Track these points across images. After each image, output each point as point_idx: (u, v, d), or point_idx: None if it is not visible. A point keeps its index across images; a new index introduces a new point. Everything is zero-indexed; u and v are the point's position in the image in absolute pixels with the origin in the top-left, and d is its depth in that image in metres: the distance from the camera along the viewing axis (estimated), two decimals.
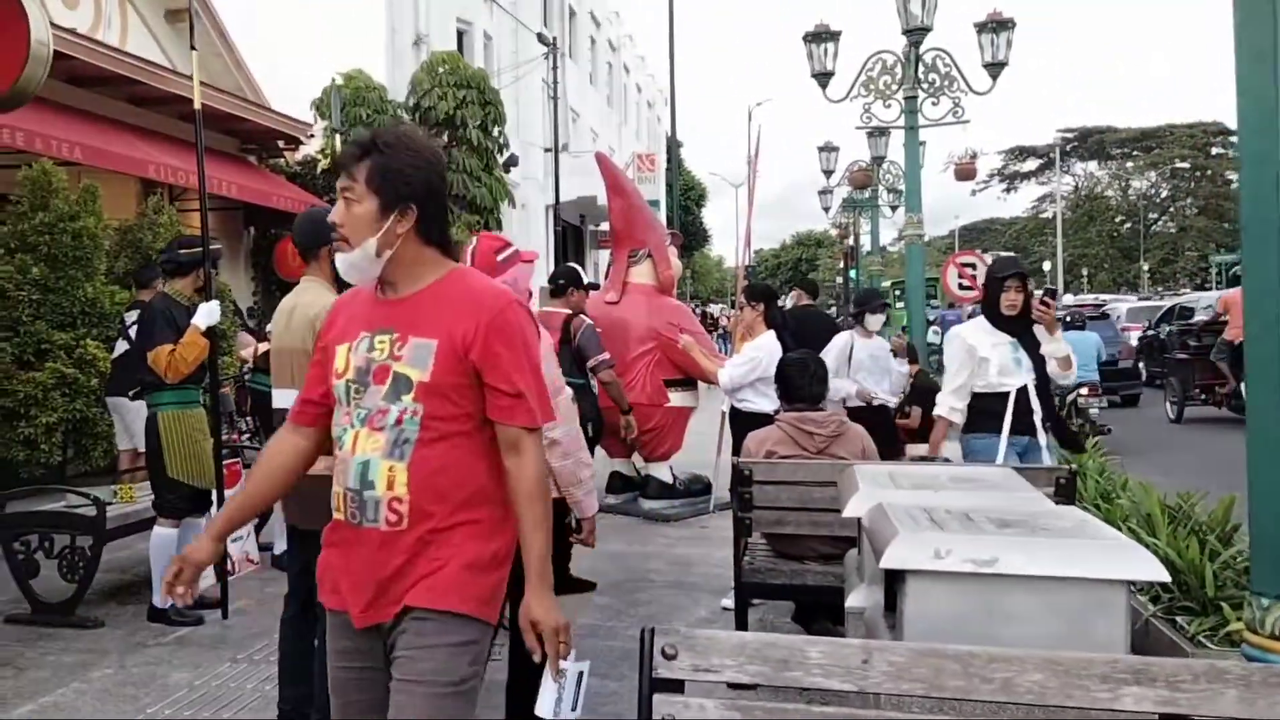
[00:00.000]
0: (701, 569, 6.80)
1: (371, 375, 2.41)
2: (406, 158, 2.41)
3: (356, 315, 2.53)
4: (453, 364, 2.37)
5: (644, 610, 5.91)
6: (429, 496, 2.35)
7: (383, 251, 2.42)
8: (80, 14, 13.36)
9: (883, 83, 12.93)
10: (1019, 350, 5.53)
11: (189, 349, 5.36)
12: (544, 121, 26.05)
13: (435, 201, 2.48)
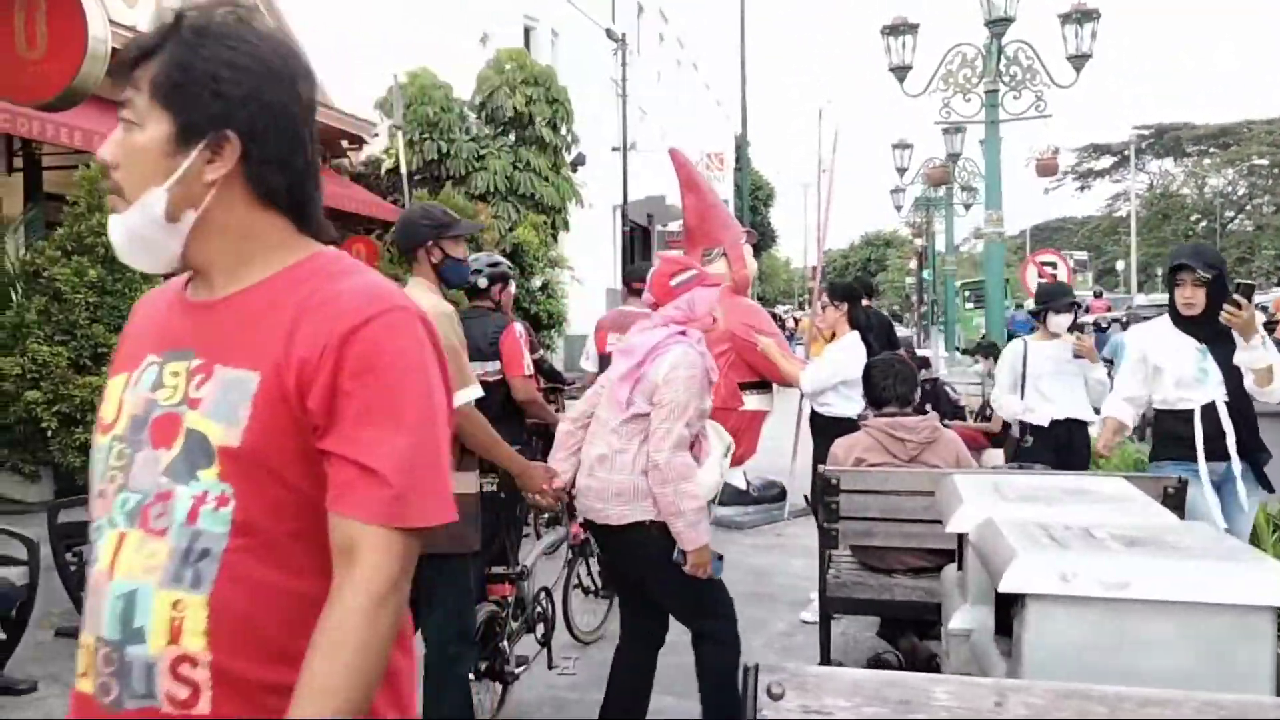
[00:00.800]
0: (778, 579, 6.57)
1: (149, 431, 1.45)
2: (224, 52, 1.46)
3: (150, 328, 1.59)
4: (282, 415, 1.40)
5: None
6: (247, 654, 1.40)
7: (179, 212, 1.47)
8: (140, 11, 13.46)
9: (962, 76, 12.68)
10: (1207, 359, 4.68)
11: None
12: (612, 120, 25.91)
13: (280, 132, 1.48)
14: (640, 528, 3.73)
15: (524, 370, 5.11)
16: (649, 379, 3.68)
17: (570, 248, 21.09)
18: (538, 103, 18.23)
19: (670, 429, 3.58)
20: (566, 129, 19.07)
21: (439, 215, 3.89)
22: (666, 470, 3.56)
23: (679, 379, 3.63)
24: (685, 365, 3.66)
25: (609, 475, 3.74)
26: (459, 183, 17.43)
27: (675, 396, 3.61)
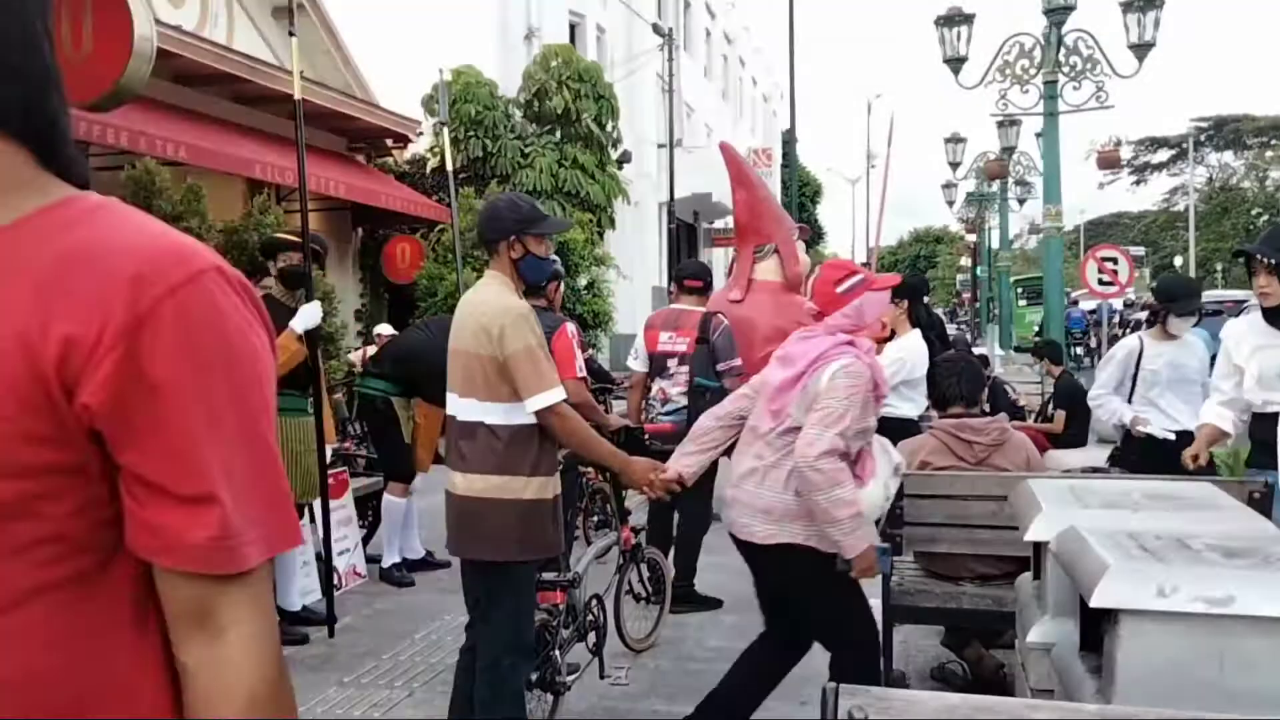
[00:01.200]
0: None
1: None
2: None
3: None
4: (31, 410, 0.97)
5: None
6: None
7: None
8: (186, 11, 13.55)
9: (1020, 67, 12.46)
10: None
11: (279, 352, 5.15)
12: (657, 116, 25.80)
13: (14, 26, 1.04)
14: (787, 549, 3.58)
15: (576, 372, 4.92)
16: (809, 391, 3.51)
17: (616, 246, 21.01)
18: (584, 99, 18.17)
19: (821, 435, 3.40)
20: (612, 125, 18.98)
21: (526, 209, 3.71)
22: (814, 477, 3.37)
23: (839, 387, 3.46)
24: (848, 374, 3.49)
25: (757, 490, 3.59)
26: (504, 181, 17.40)
27: (832, 404, 3.44)
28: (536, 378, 3.48)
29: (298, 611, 5.67)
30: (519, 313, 3.54)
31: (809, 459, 3.35)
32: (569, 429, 3.57)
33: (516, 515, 3.51)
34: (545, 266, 3.88)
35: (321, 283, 11.36)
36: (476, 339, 3.53)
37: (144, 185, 9.15)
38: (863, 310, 3.64)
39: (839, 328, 3.63)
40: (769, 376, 3.67)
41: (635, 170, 23.19)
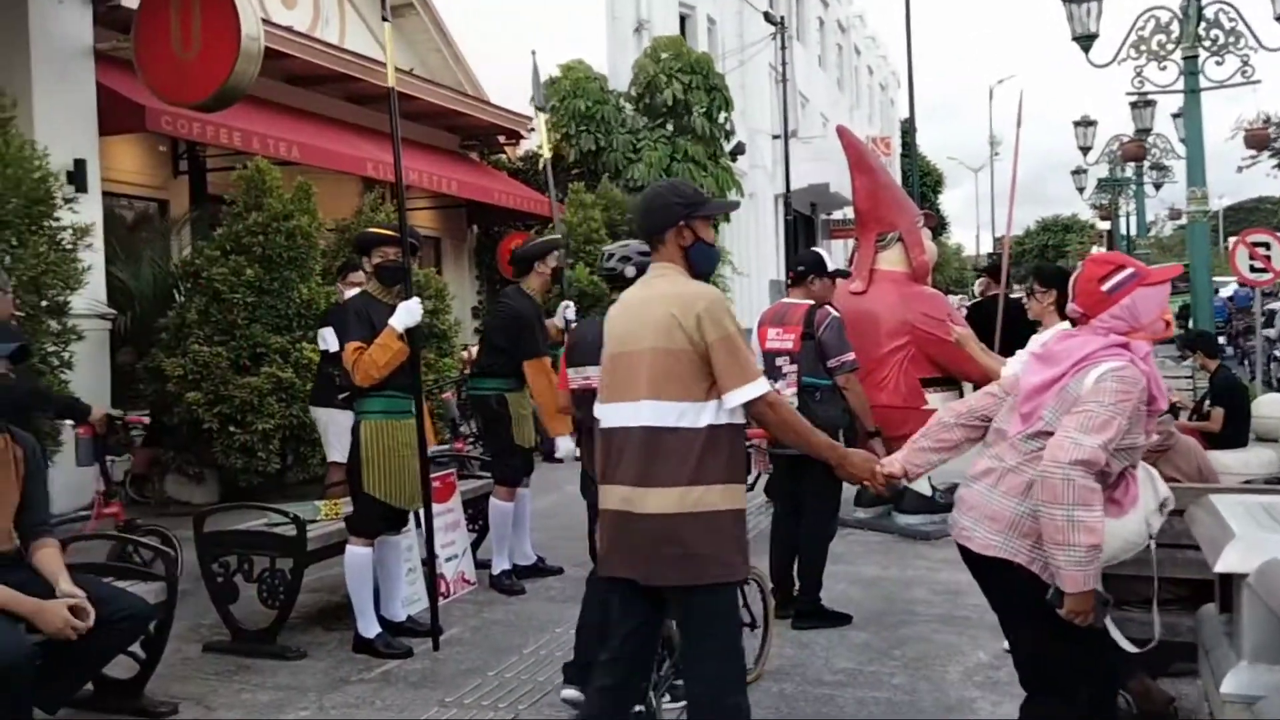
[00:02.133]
0: (973, 599, 5.87)
1: None
2: None
3: None
4: None
5: (911, 652, 5.12)
6: None
7: None
8: (298, 13, 13.59)
9: (1156, 42, 11.71)
10: None
11: (381, 352, 4.93)
12: (771, 108, 25.32)
13: None
14: (1004, 566, 3.13)
15: None
16: (1069, 393, 3.07)
17: (731, 239, 20.62)
18: (695, 91, 17.80)
19: (1078, 441, 2.90)
20: (725, 117, 18.58)
21: (689, 192, 3.39)
22: (1059, 486, 2.87)
23: (1107, 390, 2.98)
24: (1119, 379, 3.00)
25: (990, 493, 3.16)
26: (615, 176, 17.14)
27: (1096, 408, 2.95)
28: (740, 368, 3.13)
29: (402, 623, 5.43)
30: (714, 296, 3.21)
31: (1059, 463, 2.88)
32: (783, 420, 3.25)
33: (717, 530, 3.15)
34: (714, 254, 3.49)
35: (435, 280, 11.27)
36: (665, 333, 3.17)
37: (255, 184, 9.05)
38: (1136, 309, 3.14)
39: (1111, 330, 3.17)
40: (1024, 376, 3.24)
41: (749, 162, 22.75)
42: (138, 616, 3.95)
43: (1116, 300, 3.14)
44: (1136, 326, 3.14)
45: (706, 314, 3.14)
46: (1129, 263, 3.27)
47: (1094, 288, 3.18)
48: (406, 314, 5.00)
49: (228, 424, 8.62)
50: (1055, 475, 2.86)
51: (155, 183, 11.80)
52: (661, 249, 3.36)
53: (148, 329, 9.24)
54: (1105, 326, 3.15)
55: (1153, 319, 3.16)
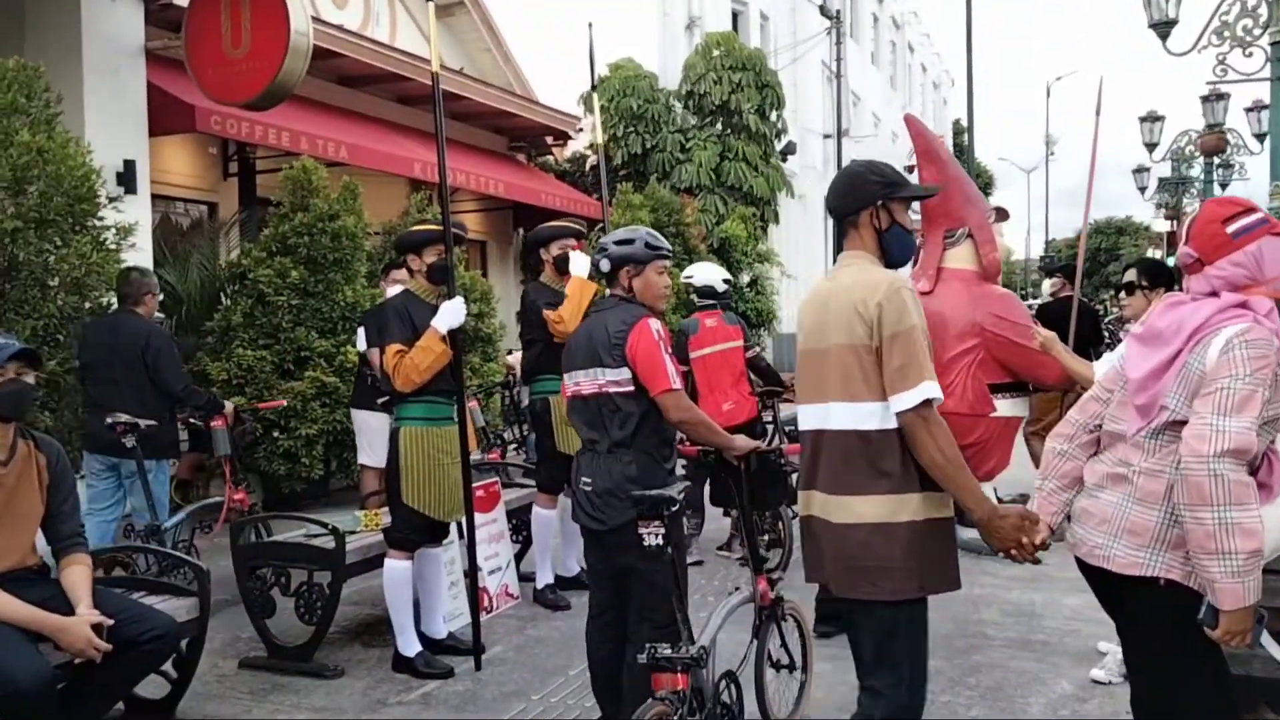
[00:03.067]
0: (1050, 622, 5.58)
1: None
2: None
3: None
4: None
5: (985, 680, 4.78)
6: None
7: None
8: (349, 13, 13.46)
9: (1241, 27, 11.12)
10: None
11: (423, 354, 4.69)
12: (823, 107, 24.95)
13: None
14: (1146, 586, 2.71)
15: (670, 382, 3.75)
16: (1190, 370, 2.66)
17: (780, 242, 20.28)
18: (747, 89, 17.51)
19: (1221, 426, 2.50)
20: (777, 115, 18.26)
21: (889, 171, 3.13)
22: (1205, 484, 2.47)
23: (1238, 360, 2.57)
24: (1249, 343, 2.59)
25: (1124, 502, 2.75)
26: (664, 177, 16.88)
27: (1231, 383, 2.55)
28: (912, 367, 2.84)
29: (443, 640, 5.18)
30: (895, 284, 2.93)
31: (1201, 456, 2.48)
32: (940, 445, 2.84)
33: (915, 541, 2.90)
34: (911, 241, 3.20)
35: (480, 282, 11.05)
36: (848, 328, 2.94)
37: (301, 184, 8.88)
38: (1263, 258, 2.74)
39: (1228, 281, 2.76)
40: (1129, 364, 2.84)
41: (800, 162, 22.40)
42: (167, 637, 3.74)
43: (1241, 246, 2.75)
44: (1259, 279, 2.74)
45: (887, 303, 2.88)
46: (1258, 208, 2.86)
47: (1217, 229, 2.79)
48: (451, 314, 4.76)
49: (271, 429, 8.46)
50: (1199, 472, 2.47)
51: (205, 185, 11.70)
52: (854, 234, 3.11)
53: (195, 333, 9.12)
54: (1222, 277, 2.76)
55: (1278, 274, 2.75)
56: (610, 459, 3.75)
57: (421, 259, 5.04)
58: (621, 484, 3.66)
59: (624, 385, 3.76)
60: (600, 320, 3.89)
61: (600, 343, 3.80)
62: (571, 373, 3.91)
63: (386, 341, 4.79)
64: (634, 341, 3.74)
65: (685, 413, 3.82)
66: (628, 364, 3.74)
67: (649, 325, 3.78)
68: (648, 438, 3.79)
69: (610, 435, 3.77)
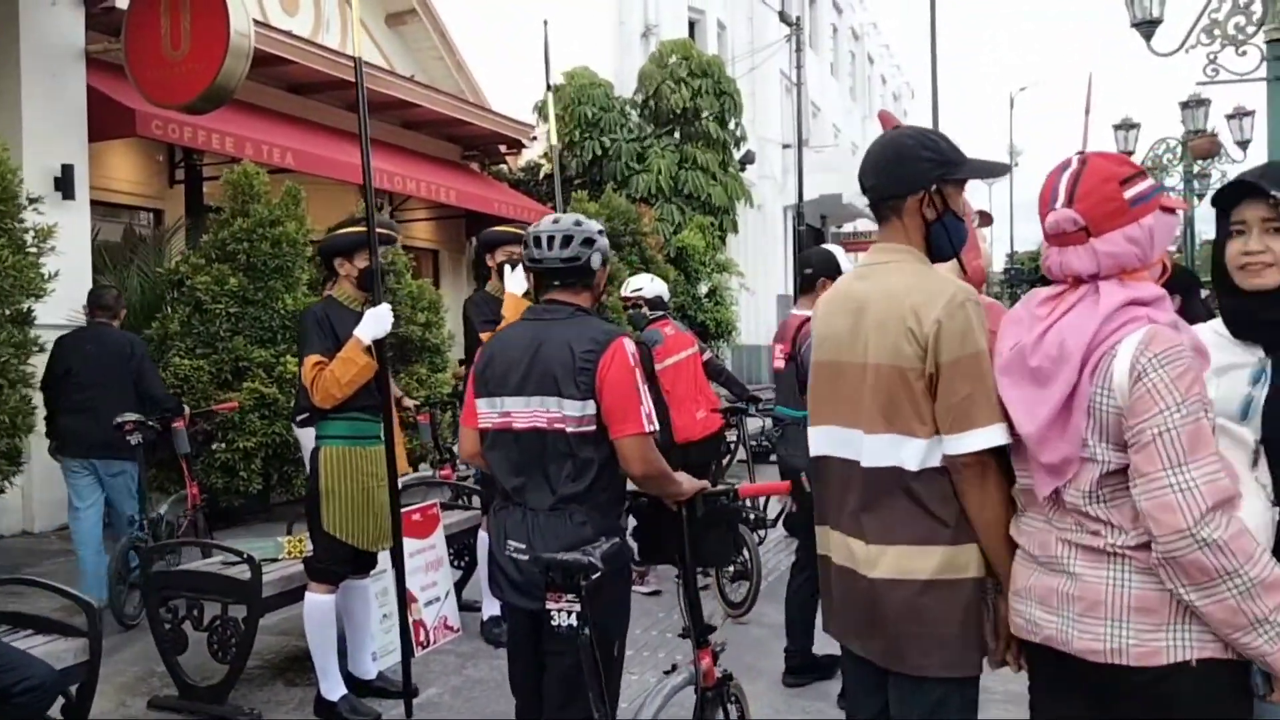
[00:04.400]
0: None
1: None
2: None
3: None
4: None
5: None
6: None
7: None
8: (299, 19, 13.07)
9: (1234, 25, 10.68)
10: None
11: (345, 367, 4.28)
12: (781, 117, 24.69)
13: None
14: (1178, 672, 2.03)
15: (643, 424, 2.92)
16: (1102, 408, 2.07)
17: (739, 252, 19.98)
18: (705, 95, 17.20)
19: (1183, 483, 1.94)
20: (735, 123, 17.96)
21: (944, 146, 2.49)
22: (1208, 561, 1.91)
23: (1159, 389, 2.00)
24: (1160, 362, 2.01)
25: (1119, 577, 2.09)
26: (621, 185, 16.54)
27: (1165, 421, 1.97)
28: (980, 403, 2.26)
29: (372, 681, 4.78)
30: (960, 296, 2.33)
31: (1180, 531, 1.92)
32: (992, 504, 2.30)
33: (969, 604, 2.35)
34: (964, 230, 2.56)
35: (429, 290, 10.65)
36: (896, 345, 2.35)
37: (242, 189, 8.47)
38: (1154, 236, 2.17)
39: (1118, 261, 2.15)
40: (1018, 418, 2.19)
41: (758, 172, 22.13)
42: (43, 687, 3.32)
43: (1137, 218, 2.14)
44: (1148, 260, 2.18)
45: (948, 320, 2.29)
46: (1147, 174, 2.24)
47: (1114, 191, 2.15)
48: (375, 322, 4.35)
49: (207, 442, 8.03)
50: (1187, 550, 1.92)
51: (150, 192, 11.26)
52: (895, 222, 2.48)
53: None
54: (1113, 255, 2.14)
55: (1160, 256, 2.25)
56: (554, 518, 2.93)
57: (352, 263, 4.65)
58: (573, 549, 2.82)
59: (585, 424, 2.91)
60: (555, 335, 2.98)
61: (560, 364, 2.92)
62: (499, 398, 3.03)
63: (305, 352, 4.39)
64: (606, 367, 2.89)
65: (651, 465, 2.95)
66: (595, 396, 2.91)
67: (625, 348, 2.93)
68: (604, 491, 2.97)
69: (556, 487, 2.93)
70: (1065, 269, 2.20)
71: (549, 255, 3.05)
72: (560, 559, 2.75)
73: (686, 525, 3.13)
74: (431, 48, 15.52)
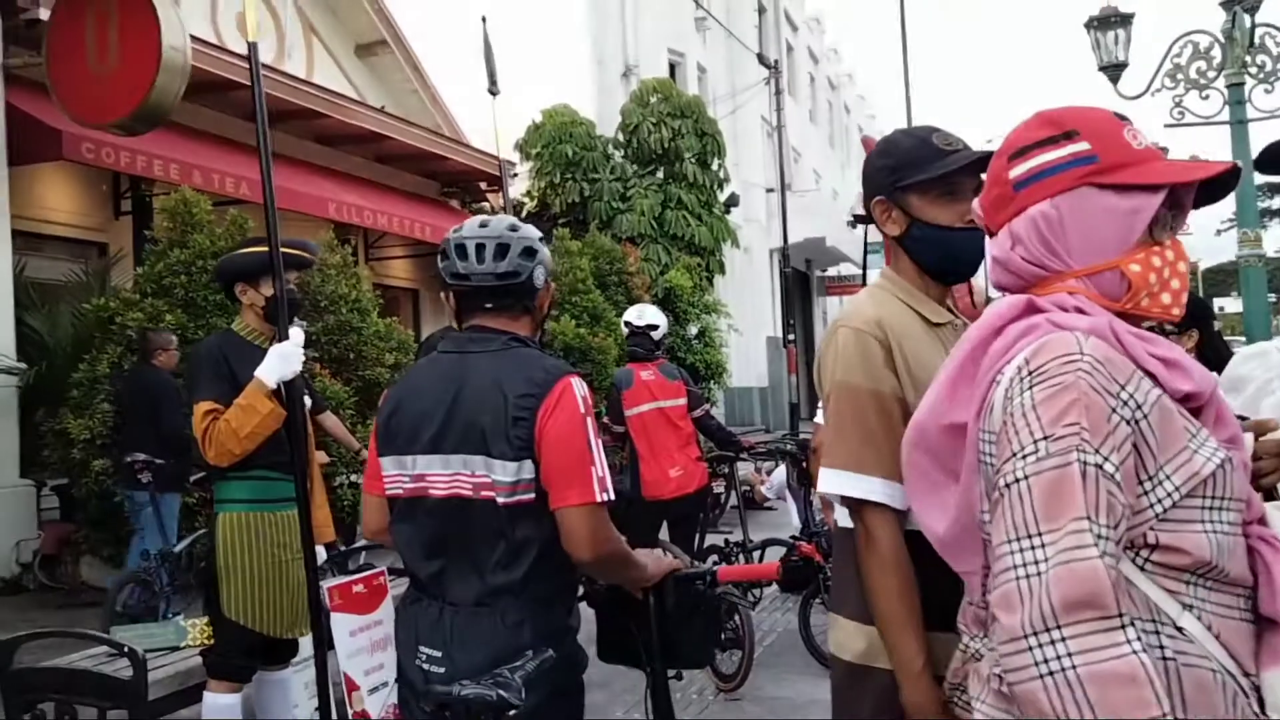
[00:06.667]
0: None
1: None
2: None
3: None
4: None
5: None
6: None
7: None
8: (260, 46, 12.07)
9: (1195, 70, 10.35)
10: None
11: (243, 416, 3.29)
12: (764, 161, 23.95)
13: None
14: None
15: (594, 492, 2.08)
16: (990, 453, 1.42)
17: (726, 295, 19.12)
18: (686, 136, 16.37)
19: (1033, 557, 1.24)
20: (718, 164, 17.13)
21: (907, 148, 2.00)
22: (1044, 696, 1.17)
23: (1022, 415, 1.33)
24: (1035, 379, 1.34)
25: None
26: (604, 225, 15.64)
27: (1020, 466, 1.30)
28: (841, 446, 1.89)
29: None
30: (846, 327, 1.94)
31: (1016, 636, 1.22)
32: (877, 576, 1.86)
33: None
34: (960, 241, 1.96)
35: (397, 330, 9.56)
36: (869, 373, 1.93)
37: (180, 217, 7.48)
38: (1065, 228, 1.45)
39: (1007, 271, 1.53)
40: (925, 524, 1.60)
41: (743, 215, 21.33)
42: None
43: (1023, 205, 1.48)
44: (1047, 267, 1.47)
45: (823, 351, 2.00)
46: (1084, 125, 1.47)
47: (999, 170, 1.53)
48: (280, 361, 3.32)
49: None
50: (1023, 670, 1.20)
51: (92, 224, 10.20)
52: (886, 244, 2.08)
53: (61, 386, 7.62)
54: (998, 263, 1.54)
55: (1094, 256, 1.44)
56: (481, 618, 2.09)
57: (257, 290, 3.65)
58: (505, 660, 1.99)
59: (521, 491, 2.08)
60: (481, 373, 2.15)
61: (488, 412, 2.10)
62: (409, 456, 2.18)
63: (197, 398, 3.37)
64: (547, 416, 2.08)
65: (603, 545, 2.10)
66: (533, 454, 2.08)
67: (573, 390, 2.13)
68: (546, 579, 2.12)
69: (486, 575, 2.10)
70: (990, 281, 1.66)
71: (478, 270, 2.23)
72: (461, 695, 1.87)
73: (655, 618, 2.36)
74: (405, 80, 14.61)
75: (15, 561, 7.68)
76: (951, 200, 1.96)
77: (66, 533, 7.81)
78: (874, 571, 1.83)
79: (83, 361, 7.46)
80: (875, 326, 1.91)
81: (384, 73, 14.46)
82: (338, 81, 12.95)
